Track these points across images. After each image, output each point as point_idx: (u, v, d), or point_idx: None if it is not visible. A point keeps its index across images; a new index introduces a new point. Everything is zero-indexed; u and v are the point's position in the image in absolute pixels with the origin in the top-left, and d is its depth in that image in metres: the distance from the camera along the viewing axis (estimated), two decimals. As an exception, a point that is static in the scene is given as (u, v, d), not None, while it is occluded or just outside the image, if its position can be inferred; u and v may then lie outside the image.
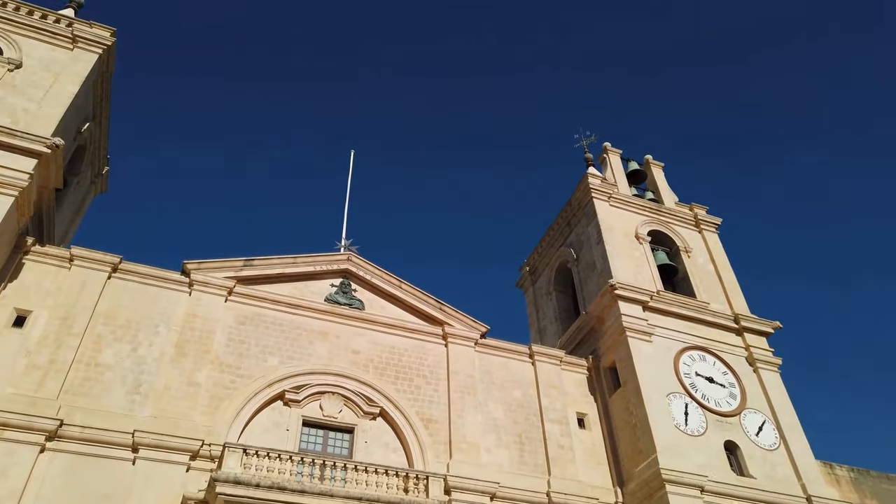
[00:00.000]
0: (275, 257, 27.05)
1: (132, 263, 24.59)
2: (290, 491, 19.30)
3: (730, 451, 26.09)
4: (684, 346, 28.82)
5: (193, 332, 23.76)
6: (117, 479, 19.51)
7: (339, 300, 27.28)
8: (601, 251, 31.66)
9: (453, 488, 23.01)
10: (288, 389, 23.72)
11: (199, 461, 20.71)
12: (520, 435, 26.19)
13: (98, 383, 21.49)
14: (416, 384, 26.08)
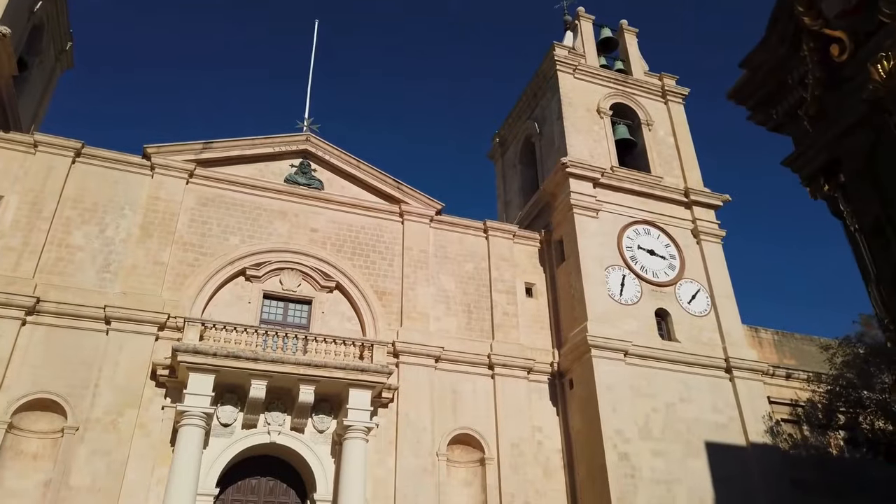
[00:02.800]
0: (234, 139, 28.01)
1: (94, 148, 25.74)
2: (245, 359, 21.85)
3: (661, 317, 28.35)
4: (630, 220, 30.22)
5: (157, 214, 25.41)
6: (93, 347, 22.10)
7: (298, 180, 28.54)
8: (560, 127, 32.16)
9: (401, 352, 25.65)
10: (249, 266, 25.74)
11: (167, 332, 23.19)
12: (469, 305, 28.46)
13: (70, 263, 23.53)
14: (372, 260, 28.00)
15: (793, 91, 3.95)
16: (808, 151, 3.93)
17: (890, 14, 3.23)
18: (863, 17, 3.44)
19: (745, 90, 4.39)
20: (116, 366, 21.96)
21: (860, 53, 3.42)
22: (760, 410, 26.87)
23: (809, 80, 3.87)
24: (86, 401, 21.21)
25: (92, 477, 20.15)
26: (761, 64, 4.11)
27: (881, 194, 3.67)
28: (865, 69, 3.27)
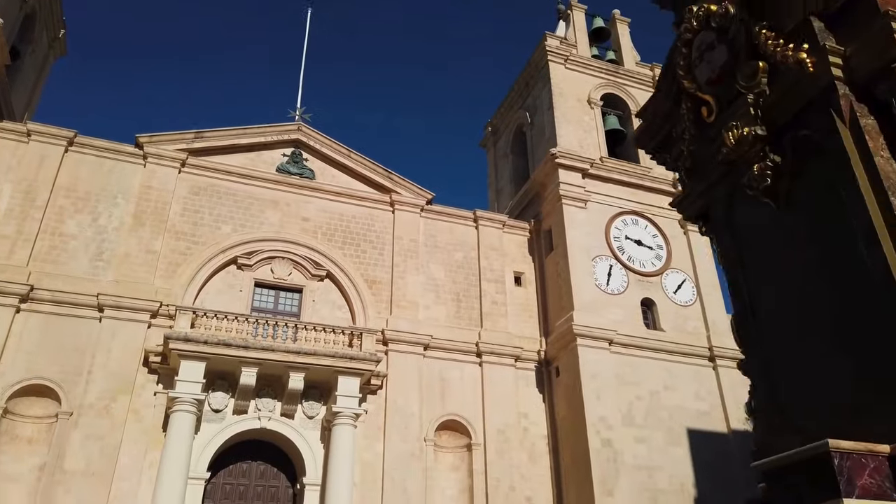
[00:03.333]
0: (225, 129, 28.28)
1: (87, 137, 26.01)
2: (235, 346, 22.29)
3: (647, 307, 28.82)
4: (619, 210, 30.59)
5: (149, 203, 25.72)
6: (86, 334, 22.52)
7: (290, 170, 28.83)
8: (550, 117, 32.41)
9: (390, 340, 26.11)
10: (240, 255, 26.11)
11: (159, 319, 23.60)
12: (458, 293, 28.89)
13: (63, 251, 23.89)
14: (363, 249, 28.37)
15: (677, 142, 4.33)
16: (687, 198, 4.34)
17: (745, 86, 3.57)
18: (725, 86, 3.78)
19: (643, 136, 4.78)
20: (109, 352, 22.39)
21: (722, 118, 3.78)
22: (742, 398, 27.31)
23: (686, 135, 4.24)
24: (79, 387, 21.66)
25: (86, 461, 20.64)
26: (654, 114, 4.48)
27: (737, 242, 4.07)
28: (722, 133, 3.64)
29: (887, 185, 2.96)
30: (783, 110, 3.51)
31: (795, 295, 3.48)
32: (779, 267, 3.66)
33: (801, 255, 3.44)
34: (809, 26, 3.41)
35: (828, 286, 3.17)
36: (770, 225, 3.67)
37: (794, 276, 3.48)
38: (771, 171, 3.45)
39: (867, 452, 2.55)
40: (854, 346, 2.96)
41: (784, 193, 3.50)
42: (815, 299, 3.32)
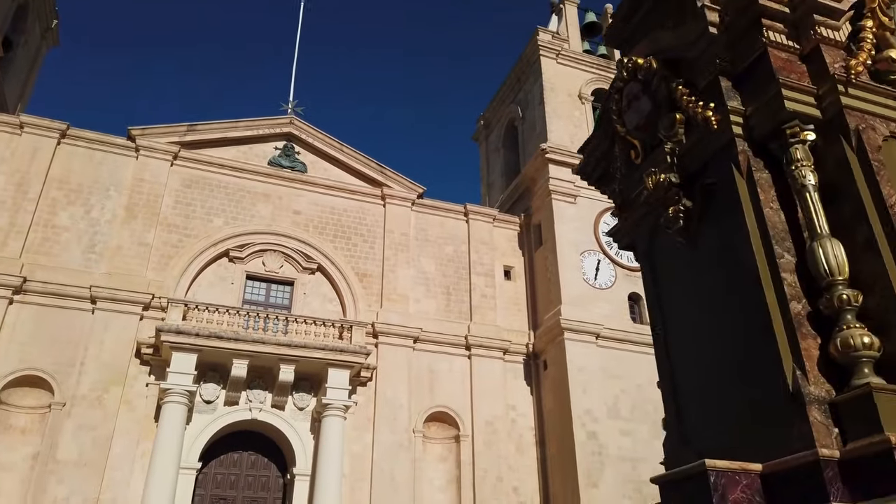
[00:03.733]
0: (218, 122, 28.47)
1: (79, 129, 26.16)
2: (226, 339, 22.59)
3: (634, 301, 29.21)
4: (608, 205, 30.81)
5: (142, 196, 25.92)
6: (79, 326, 22.78)
7: (282, 163, 29.04)
8: (541, 112, 32.65)
9: (380, 333, 26.46)
10: (232, 248, 26.36)
11: (151, 311, 23.87)
12: (448, 287, 29.23)
13: (56, 243, 24.10)
14: (354, 242, 28.65)
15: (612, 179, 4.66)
16: (619, 230, 4.67)
17: (664, 135, 3.89)
18: (649, 133, 4.10)
19: (585, 170, 5.12)
20: (102, 344, 22.66)
21: (646, 161, 4.10)
22: (726, 392, 27.88)
23: (618, 174, 4.58)
24: (72, 378, 21.94)
25: (78, 451, 20.96)
26: (593, 152, 4.82)
27: (654, 275, 4.40)
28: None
29: (772, 234, 3.29)
30: (694, 159, 3.84)
31: (698, 326, 3.83)
32: (687, 299, 4.00)
33: (705, 291, 3.78)
34: (718, 86, 3.73)
35: (723, 321, 3.51)
36: (682, 261, 4.01)
37: (698, 309, 3.83)
38: (683, 213, 3.78)
39: (740, 470, 2.87)
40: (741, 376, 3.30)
41: (693, 234, 3.84)
42: (712, 331, 3.67)
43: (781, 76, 3.45)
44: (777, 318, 3.14)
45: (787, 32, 3.65)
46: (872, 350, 2.93)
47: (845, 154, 3.32)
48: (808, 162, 3.35)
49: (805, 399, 2.90)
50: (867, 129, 3.35)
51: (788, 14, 3.62)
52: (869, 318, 3.05)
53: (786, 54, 3.60)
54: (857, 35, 3.56)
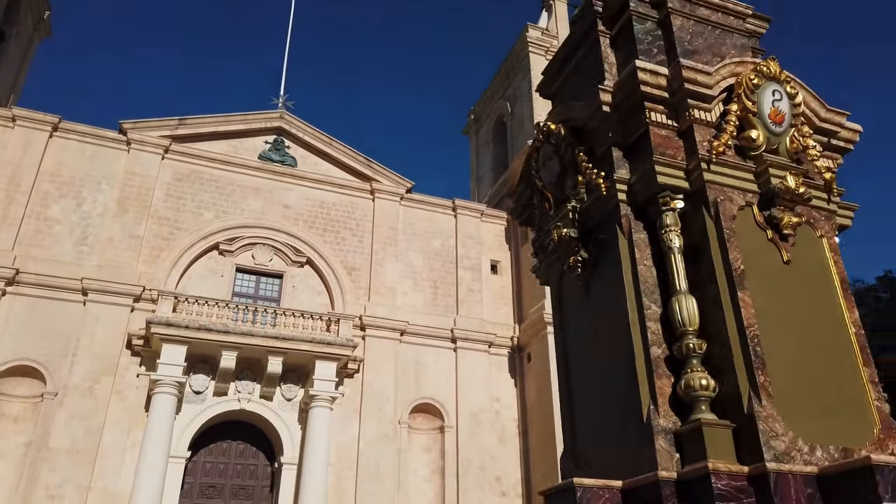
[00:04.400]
0: (209, 116, 28.78)
1: (71, 123, 26.47)
2: (216, 331, 23.10)
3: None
4: (593, 202, 31.41)
5: (133, 189, 26.30)
6: (71, 317, 23.25)
7: (272, 157, 29.42)
8: (529, 108, 33.06)
9: (367, 326, 27.02)
10: (222, 241, 26.80)
11: (142, 303, 24.34)
12: (435, 280, 29.78)
13: (48, 236, 24.50)
14: (343, 236, 29.13)
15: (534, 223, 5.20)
16: (538, 269, 5.21)
17: (569, 194, 4.42)
18: (559, 190, 4.63)
19: (515, 212, 5.64)
20: (93, 335, 23.14)
21: (556, 214, 4.63)
22: (705, 385, 28.60)
23: (536, 221, 5.11)
24: (64, 368, 22.43)
25: (70, 439, 21.50)
26: (519, 198, 5.34)
27: (560, 312, 4.95)
28: None
29: (643, 288, 3.83)
30: (591, 217, 4.37)
31: (590, 360, 4.36)
32: (583, 336, 4.53)
33: (595, 330, 4.32)
34: (611, 155, 4.25)
35: (607, 358, 4.05)
36: (580, 303, 4.55)
37: (590, 345, 4.36)
38: (581, 263, 4.31)
39: (603, 486, 3.41)
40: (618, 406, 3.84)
41: (588, 281, 4.37)
42: (599, 366, 4.21)
43: (658, 152, 3.98)
44: (640, 360, 3.68)
45: (666, 113, 4.16)
46: (708, 391, 3.49)
47: (705, 222, 3.85)
48: (676, 227, 3.89)
49: (654, 429, 3.45)
50: (725, 201, 3.88)
51: (668, 98, 4.13)
52: (712, 363, 3.59)
53: (665, 132, 4.11)
54: (725, 117, 4.08)
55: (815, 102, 4.37)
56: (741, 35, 4.64)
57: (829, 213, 4.19)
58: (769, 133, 4.09)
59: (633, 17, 4.38)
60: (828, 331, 3.76)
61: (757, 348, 3.47)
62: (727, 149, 3.99)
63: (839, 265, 4.04)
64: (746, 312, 3.56)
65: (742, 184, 4.00)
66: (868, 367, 3.65)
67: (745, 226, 3.88)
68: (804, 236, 4.00)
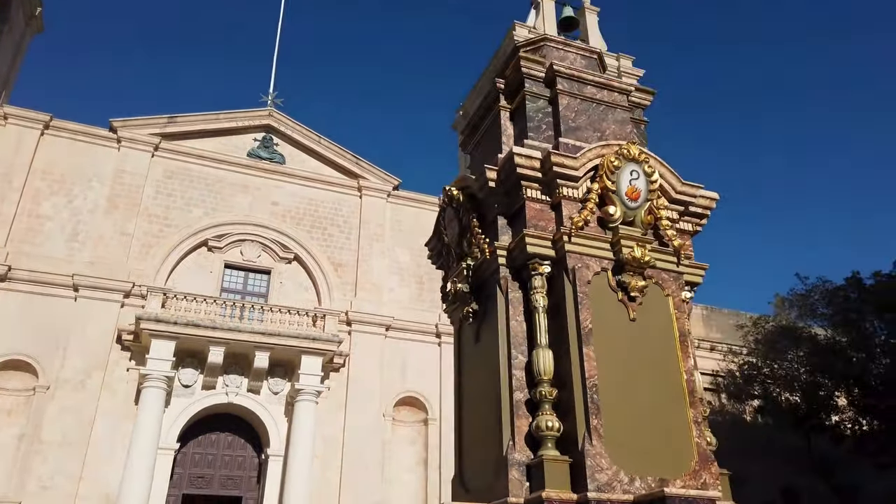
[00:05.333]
0: (198, 114, 29.26)
1: (62, 121, 26.96)
2: (203, 327, 23.74)
3: (599, 293, 30.49)
4: (577, 200, 32.04)
5: (123, 186, 26.84)
6: (62, 313, 23.86)
7: (260, 154, 29.95)
8: (515, 107, 33.58)
9: (354, 321, 27.69)
10: (211, 238, 27.39)
11: (132, 299, 24.96)
12: (421, 276, 30.41)
13: (40, 233, 25.06)
14: (330, 233, 29.72)
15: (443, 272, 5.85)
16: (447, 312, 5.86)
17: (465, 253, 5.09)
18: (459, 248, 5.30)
19: (432, 259, 6.30)
20: (84, 330, 23.77)
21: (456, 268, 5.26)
22: (683, 380, 29.36)
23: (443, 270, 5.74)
24: (56, 362, 23.08)
25: (62, 432, 22.19)
26: (433, 247, 5.97)
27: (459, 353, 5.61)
28: None
29: (513, 341, 4.47)
30: (480, 275, 5.01)
31: (477, 397, 5.02)
32: (473, 375, 5.19)
33: (481, 372, 4.97)
34: (496, 223, 4.88)
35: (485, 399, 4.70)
36: (472, 348, 5.19)
37: (477, 384, 5.02)
38: (472, 314, 4.95)
39: None
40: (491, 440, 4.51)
41: (478, 329, 5.01)
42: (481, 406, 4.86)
43: (530, 224, 4.62)
44: (505, 402, 4.33)
45: (541, 189, 4.78)
46: (553, 431, 4.14)
47: (565, 285, 4.48)
48: (542, 289, 4.53)
49: (509, 462, 4.11)
50: (582, 268, 4.51)
51: (542, 177, 4.74)
52: (561, 407, 4.23)
53: (539, 205, 4.74)
54: (589, 194, 4.70)
55: (672, 177, 5.00)
56: (623, 110, 5.26)
57: (677, 275, 4.84)
58: (626, 208, 4.72)
59: (527, 96, 5.00)
60: (663, 378, 4.41)
61: (594, 396, 4.12)
62: (589, 222, 4.63)
63: (680, 320, 4.69)
64: (589, 365, 4.20)
65: (599, 252, 4.64)
66: (693, 409, 4.29)
67: (599, 289, 4.52)
68: (653, 295, 4.65)
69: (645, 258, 4.58)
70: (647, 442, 4.16)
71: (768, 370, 27.23)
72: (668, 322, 4.67)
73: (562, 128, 4.96)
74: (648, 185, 4.80)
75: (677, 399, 4.42)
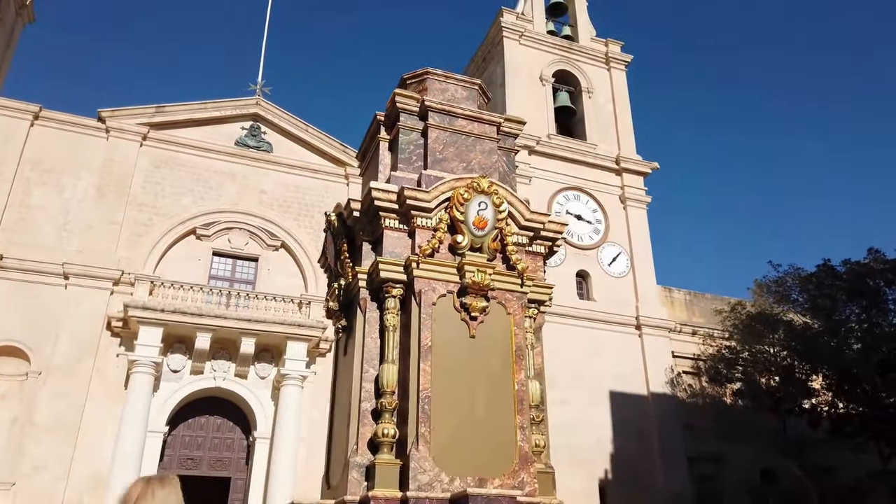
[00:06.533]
0: (185, 103, 29.65)
1: (52, 112, 27.42)
2: (190, 314, 24.38)
3: (582, 278, 31.01)
4: (562, 186, 32.42)
5: (112, 176, 27.36)
6: (53, 301, 24.54)
7: (248, 143, 30.37)
8: (502, 94, 33.79)
9: (339, 307, 28.27)
10: (199, 226, 27.93)
11: (121, 286, 25.60)
12: (406, 262, 30.91)
13: (31, 223, 25.67)
14: (318, 220, 30.14)
15: None
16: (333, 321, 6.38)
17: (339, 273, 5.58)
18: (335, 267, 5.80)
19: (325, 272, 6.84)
20: (75, 317, 24.46)
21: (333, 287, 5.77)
22: (664, 364, 29.97)
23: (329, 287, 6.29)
24: (47, 348, 23.79)
25: (54, 416, 22.96)
26: (325, 262, 6.47)
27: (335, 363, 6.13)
28: None
29: (366, 356, 4.98)
30: (348, 294, 5.50)
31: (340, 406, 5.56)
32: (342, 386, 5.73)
33: (345, 382, 5.51)
34: (361, 249, 5.37)
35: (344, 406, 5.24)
36: (342, 359, 5.71)
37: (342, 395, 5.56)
38: (342, 328, 5.46)
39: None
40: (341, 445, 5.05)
41: (346, 343, 5.53)
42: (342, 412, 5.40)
43: (387, 251, 5.13)
44: (354, 410, 4.86)
45: (399, 219, 5.25)
46: (389, 437, 4.67)
47: (412, 307, 4.97)
48: (395, 310, 5.04)
49: (350, 464, 4.64)
50: (428, 291, 5.00)
51: (398, 209, 5.21)
52: (401, 416, 4.75)
53: (397, 233, 5.21)
54: (440, 224, 5.17)
55: (522, 207, 5.47)
56: (491, 140, 5.70)
57: (520, 294, 5.32)
58: (473, 236, 5.20)
59: (401, 129, 5.45)
60: (497, 388, 4.91)
61: (425, 406, 4.63)
62: (440, 249, 5.10)
63: (517, 337, 5.18)
64: (424, 378, 4.71)
65: (446, 276, 5.12)
66: (520, 415, 4.81)
67: (444, 309, 5.02)
68: (496, 313, 5.14)
69: (485, 282, 5.08)
70: (475, 446, 4.68)
71: (747, 354, 27.73)
72: (507, 338, 5.16)
73: (429, 159, 5.43)
74: (496, 214, 5.28)
75: (507, 407, 4.92)
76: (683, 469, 28.58)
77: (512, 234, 5.26)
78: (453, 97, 5.91)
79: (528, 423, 4.78)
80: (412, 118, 5.49)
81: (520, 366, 5.11)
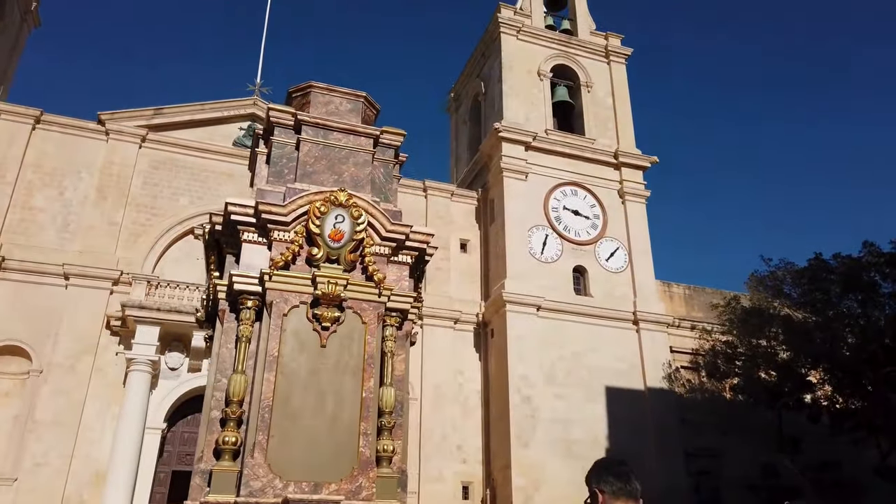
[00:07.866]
0: (184, 105, 30.11)
1: (53, 115, 28.01)
2: (186, 313, 24.81)
3: (579, 273, 30.93)
4: (558, 182, 32.31)
5: (112, 178, 27.90)
6: (54, 300, 25.15)
7: (245, 143, 30.68)
8: (500, 90, 33.77)
9: (335, 304, 28.56)
10: (197, 226, 28.15)
11: (120, 286, 26.13)
12: (403, 259, 31.09)
13: (32, 224, 26.29)
14: (314, 217, 30.50)
15: None
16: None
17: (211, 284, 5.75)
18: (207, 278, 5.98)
19: None
20: (75, 317, 25.04)
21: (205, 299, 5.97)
22: (661, 359, 29.82)
23: None
24: (48, 347, 24.41)
25: (54, 413, 23.57)
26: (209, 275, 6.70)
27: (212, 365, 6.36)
28: None
29: (219, 366, 5.15)
30: (213, 305, 5.68)
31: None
32: None
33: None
34: (224, 260, 5.53)
35: None
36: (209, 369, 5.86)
37: None
38: (208, 338, 5.62)
39: None
40: None
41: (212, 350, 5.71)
42: None
43: (243, 264, 5.28)
44: (205, 419, 5.02)
45: (257, 232, 5.39)
46: (230, 445, 4.81)
47: (264, 318, 5.11)
48: (248, 321, 5.18)
49: (195, 470, 4.80)
50: (280, 302, 5.13)
51: (256, 223, 5.35)
52: (246, 423, 4.89)
53: (256, 246, 5.35)
54: (295, 236, 5.30)
55: (382, 218, 5.57)
56: (366, 152, 5.81)
57: (378, 304, 5.43)
58: (329, 248, 5.32)
59: (274, 143, 5.59)
60: (346, 396, 5.02)
61: (265, 415, 4.78)
62: (296, 261, 5.24)
63: (370, 346, 5.29)
64: (266, 388, 4.85)
65: (299, 288, 5.26)
66: (365, 422, 4.92)
67: (297, 320, 5.15)
68: (351, 323, 5.26)
69: (336, 292, 5.21)
70: (316, 453, 4.82)
71: (744, 349, 27.48)
72: (360, 347, 5.29)
73: (298, 172, 5.57)
74: (354, 226, 5.40)
75: (353, 414, 5.05)
76: (681, 464, 28.47)
77: (372, 244, 5.39)
78: (336, 110, 6.04)
79: (373, 430, 4.91)
80: (287, 132, 5.64)
81: (369, 374, 5.24)
